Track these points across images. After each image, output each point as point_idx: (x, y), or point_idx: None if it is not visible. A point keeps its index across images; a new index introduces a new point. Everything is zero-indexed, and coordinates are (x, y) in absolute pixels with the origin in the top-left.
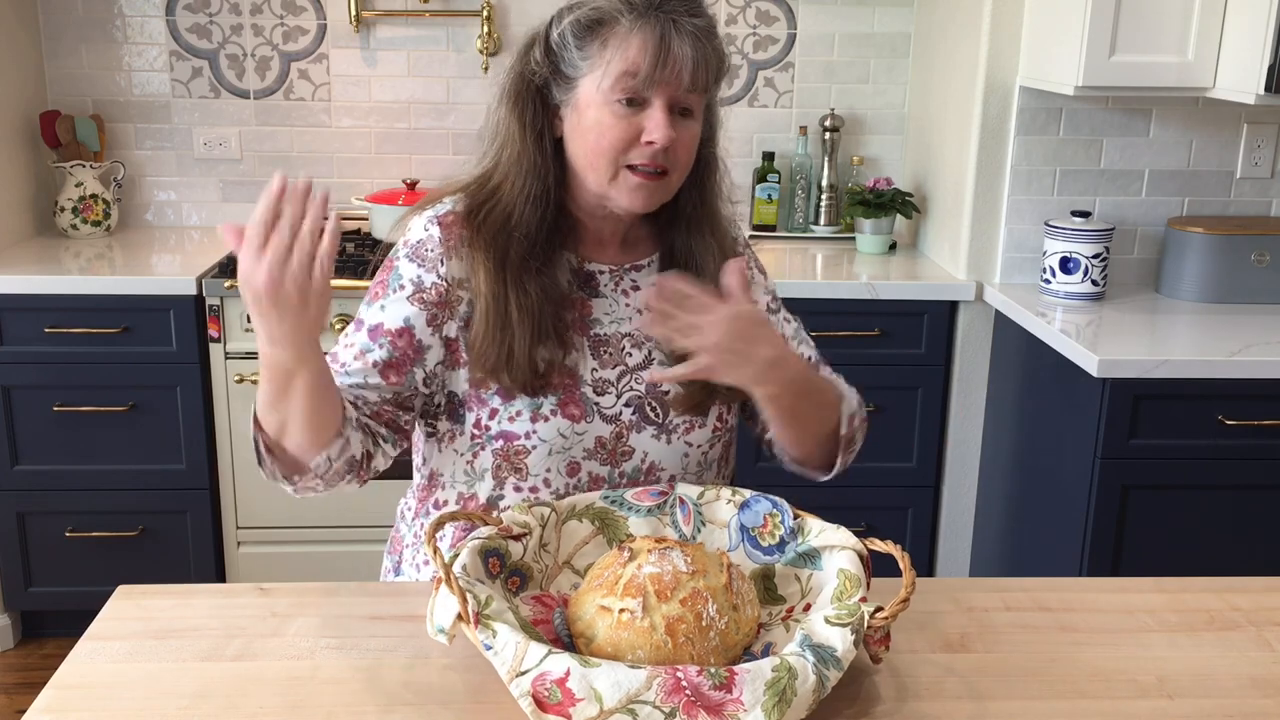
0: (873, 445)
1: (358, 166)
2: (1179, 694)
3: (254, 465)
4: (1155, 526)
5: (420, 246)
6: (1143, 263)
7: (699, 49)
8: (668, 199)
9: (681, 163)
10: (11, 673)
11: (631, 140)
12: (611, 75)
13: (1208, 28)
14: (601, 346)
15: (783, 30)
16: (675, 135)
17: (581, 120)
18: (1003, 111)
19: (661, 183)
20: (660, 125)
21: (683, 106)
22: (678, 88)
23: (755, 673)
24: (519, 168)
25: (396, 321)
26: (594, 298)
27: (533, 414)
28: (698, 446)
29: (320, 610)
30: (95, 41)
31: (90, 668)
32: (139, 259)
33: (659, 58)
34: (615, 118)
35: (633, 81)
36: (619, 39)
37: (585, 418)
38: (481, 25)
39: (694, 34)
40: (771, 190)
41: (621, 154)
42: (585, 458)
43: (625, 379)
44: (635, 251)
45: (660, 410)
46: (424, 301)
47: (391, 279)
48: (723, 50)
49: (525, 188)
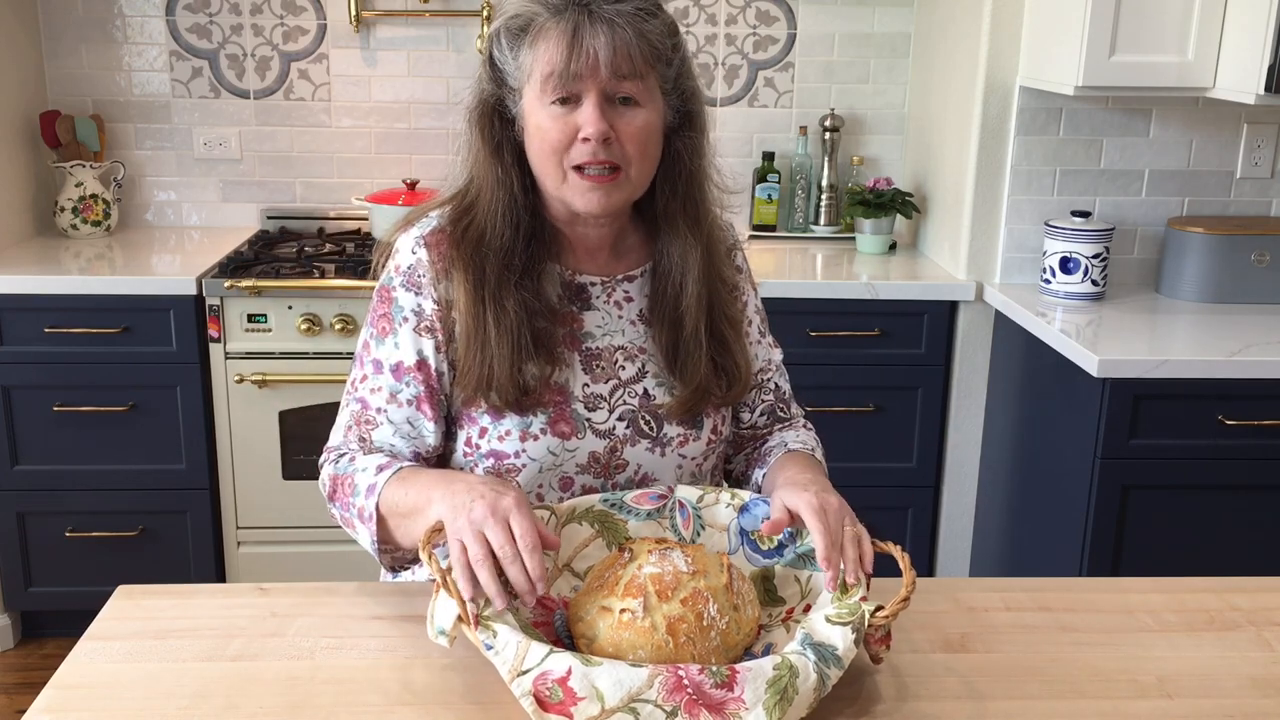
0: (873, 445)
1: (358, 166)
2: (1179, 694)
3: (254, 465)
4: (1155, 526)
5: (412, 272)
6: (1143, 263)
7: (617, 34)
8: (633, 195)
9: (633, 155)
10: (11, 673)
11: (570, 139)
12: (537, 79)
13: (1208, 28)
14: (594, 360)
15: (783, 30)
16: (612, 126)
17: (528, 127)
18: (1003, 111)
19: (616, 181)
20: (591, 119)
21: (621, 95)
22: (598, 76)
23: (757, 671)
24: (487, 183)
25: (412, 355)
26: (585, 311)
27: (522, 433)
28: (692, 459)
29: (320, 610)
30: (95, 41)
31: (90, 668)
32: (139, 259)
33: (571, 51)
34: (552, 119)
35: (554, 80)
36: (542, 37)
37: (576, 434)
38: (481, 25)
39: (610, 21)
40: (771, 190)
41: (564, 154)
42: (578, 473)
43: (618, 393)
44: (626, 261)
45: (654, 423)
46: (430, 330)
47: (394, 311)
48: (657, 31)
49: (495, 202)
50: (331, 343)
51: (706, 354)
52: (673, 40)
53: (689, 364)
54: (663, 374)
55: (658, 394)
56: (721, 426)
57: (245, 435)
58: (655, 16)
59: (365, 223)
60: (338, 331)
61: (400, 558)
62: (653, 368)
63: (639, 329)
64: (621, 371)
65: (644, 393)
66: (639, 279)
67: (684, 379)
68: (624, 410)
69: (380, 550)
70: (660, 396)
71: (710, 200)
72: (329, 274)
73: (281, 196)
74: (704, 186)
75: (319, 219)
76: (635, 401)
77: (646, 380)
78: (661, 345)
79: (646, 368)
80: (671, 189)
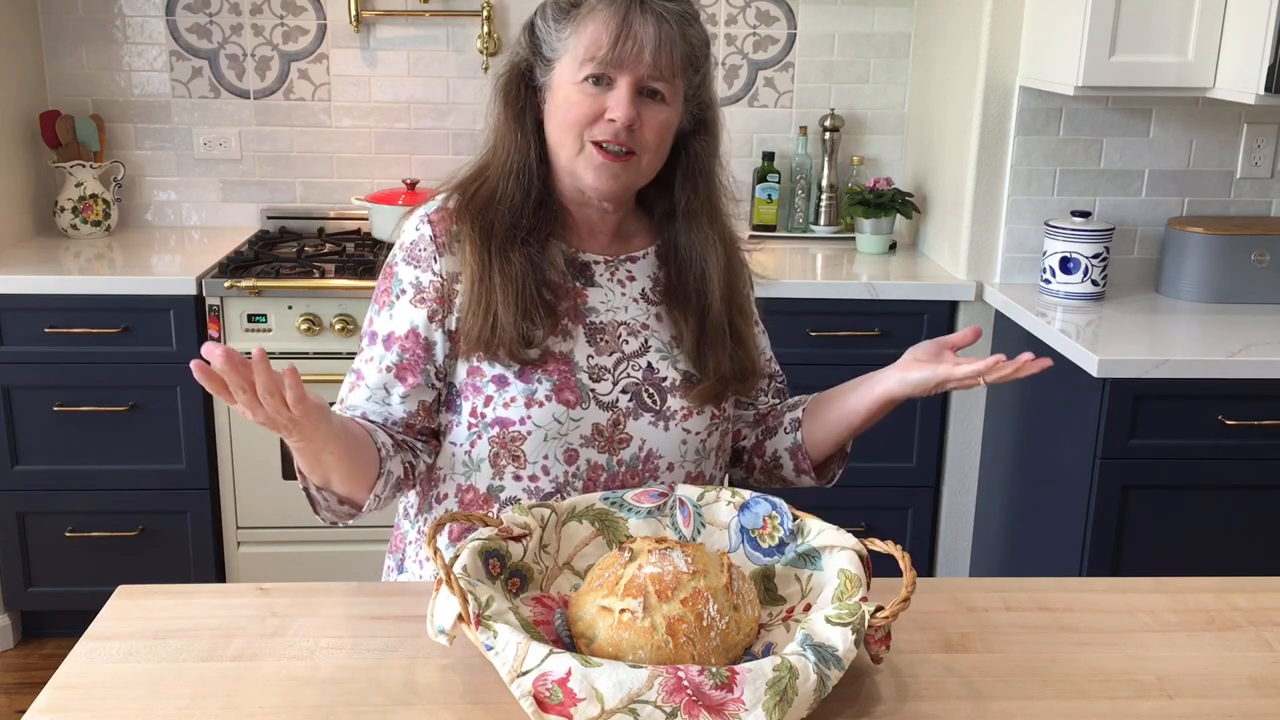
0: (873, 445)
1: (358, 166)
2: (1179, 694)
3: (254, 465)
4: (1155, 526)
5: (414, 247)
6: (1143, 263)
7: (663, 30)
8: (639, 183)
9: (649, 144)
10: (11, 673)
11: (595, 116)
12: (578, 56)
13: (1208, 28)
14: (598, 334)
15: (783, 30)
16: (638, 115)
17: (554, 99)
18: (1003, 111)
19: (627, 164)
20: (622, 103)
21: (651, 89)
22: (639, 68)
23: (756, 672)
24: (504, 146)
25: (404, 326)
26: (589, 287)
27: (527, 399)
28: (696, 434)
29: (320, 610)
30: (95, 41)
31: (90, 668)
32: (139, 259)
33: (619, 36)
34: (582, 95)
35: (594, 61)
36: (589, 18)
37: (581, 403)
38: (481, 25)
39: (660, 15)
40: (771, 190)
41: (586, 128)
42: (583, 445)
43: (622, 366)
44: (630, 244)
45: (658, 397)
46: (424, 300)
47: (393, 285)
48: (697, 38)
49: (508, 163)
50: (331, 343)
51: (729, 346)
52: (706, 51)
53: (714, 354)
54: (666, 349)
55: (661, 367)
56: (725, 405)
57: (245, 435)
58: (698, 23)
59: (365, 223)
60: (338, 332)
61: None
62: (655, 343)
63: (642, 306)
64: (625, 346)
65: (648, 366)
66: (641, 260)
67: (707, 367)
68: (627, 383)
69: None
70: (664, 370)
71: (726, 201)
72: (329, 274)
73: (281, 196)
74: (721, 187)
75: (319, 219)
76: (639, 375)
77: (650, 354)
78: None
79: (649, 342)
80: (694, 188)
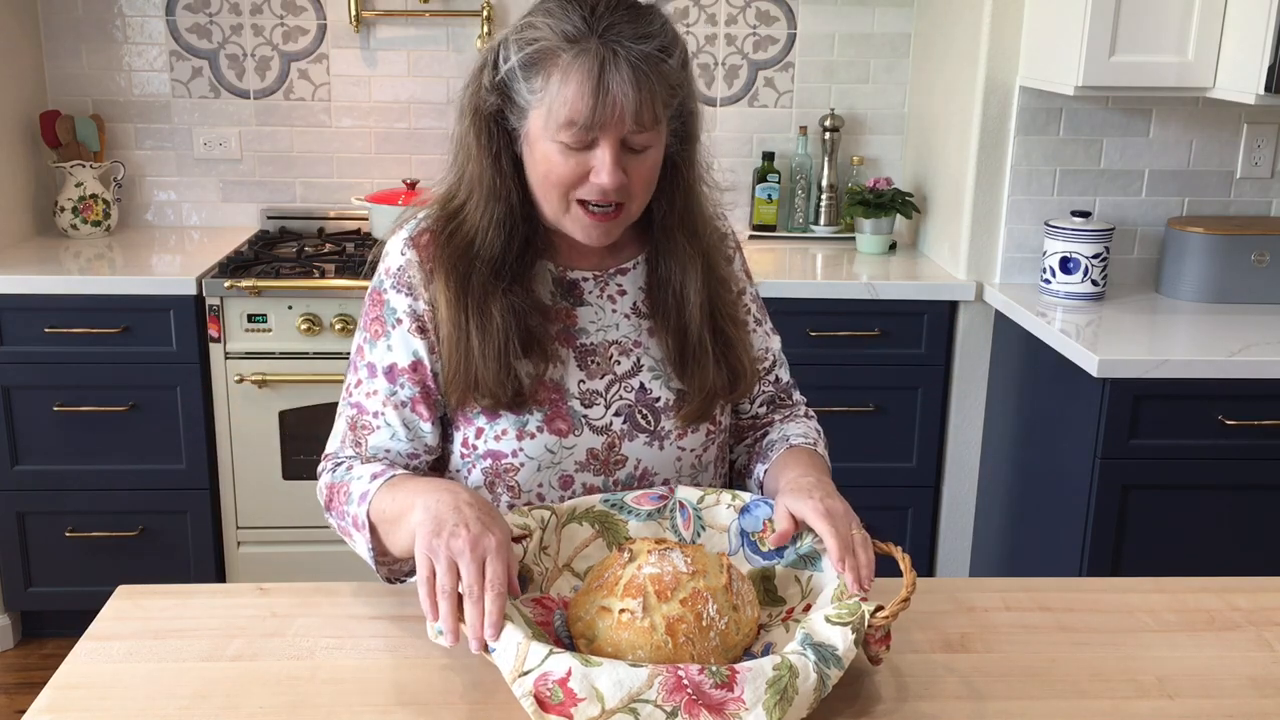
0: (873, 445)
1: (358, 166)
2: (1179, 694)
3: (254, 465)
4: (1155, 526)
5: (402, 274)
6: (1143, 263)
7: (641, 84)
8: (628, 225)
9: (638, 193)
10: (11, 673)
11: (580, 178)
12: (556, 118)
13: (1208, 28)
14: (588, 356)
15: (783, 30)
16: (624, 170)
17: (533, 152)
18: (1003, 111)
19: (618, 218)
20: (608, 168)
21: (636, 145)
22: (622, 128)
23: (757, 671)
24: (481, 189)
25: (407, 357)
26: (578, 306)
27: (518, 432)
28: (691, 451)
29: (320, 610)
30: (95, 41)
31: (90, 668)
32: (139, 259)
33: (597, 101)
34: (562, 156)
35: (574, 126)
36: (560, 74)
37: (573, 432)
38: (481, 25)
39: (635, 65)
40: (771, 190)
41: (571, 189)
42: (577, 470)
43: (614, 388)
44: (619, 255)
45: (651, 418)
46: (422, 330)
47: (386, 314)
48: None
49: (488, 212)
50: (331, 343)
51: (713, 358)
52: (684, 74)
53: (697, 371)
54: (659, 367)
55: (654, 387)
56: (720, 417)
57: (245, 435)
58: (672, 54)
59: (365, 223)
60: (338, 331)
61: (397, 570)
62: (648, 361)
63: (633, 321)
64: (617, 366)
65: (640, 387)
66: (632, 271)
67: (692, 385)
68: (620, 405)
69: (377, 562)
70: (657, 390)
71: (706, 208)
72: (329, 274)
73: (281, 196)
74: (700, 195)
75: (319, 219)
76: (632, 396)
77: (642, 374)
78: (668, 352)
79: (642, 361)
80: (669, 203)
